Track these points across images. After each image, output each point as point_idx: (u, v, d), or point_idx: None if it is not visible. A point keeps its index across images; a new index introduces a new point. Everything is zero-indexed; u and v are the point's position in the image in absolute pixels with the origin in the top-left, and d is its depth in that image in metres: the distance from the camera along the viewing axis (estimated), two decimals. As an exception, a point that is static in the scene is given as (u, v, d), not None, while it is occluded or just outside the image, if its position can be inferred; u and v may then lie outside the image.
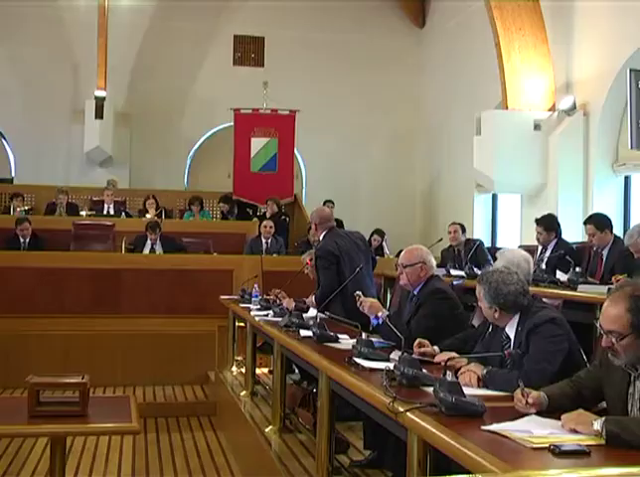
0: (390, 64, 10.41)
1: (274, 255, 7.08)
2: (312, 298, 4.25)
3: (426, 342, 2.68)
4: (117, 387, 5.74)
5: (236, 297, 5.31)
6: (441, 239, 6.73)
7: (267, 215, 8.59)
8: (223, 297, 5.45)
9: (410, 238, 9.32)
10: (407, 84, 10.45)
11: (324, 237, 4.21)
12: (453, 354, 2.43)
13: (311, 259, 4.53)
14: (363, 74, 10.33)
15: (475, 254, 5.89)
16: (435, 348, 2.68)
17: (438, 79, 9.98)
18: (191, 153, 10.31)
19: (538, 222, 5.11)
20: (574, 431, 1.59)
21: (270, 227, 7.43)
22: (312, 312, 3.85)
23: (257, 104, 9.71)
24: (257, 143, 9.58)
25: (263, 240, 7.43)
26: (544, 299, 2.48)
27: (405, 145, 10.52)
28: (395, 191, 10.45)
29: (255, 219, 8.76)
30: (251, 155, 9.61)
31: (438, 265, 3.93)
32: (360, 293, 3.17)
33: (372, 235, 8.03)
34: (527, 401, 1.77)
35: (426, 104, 10.34)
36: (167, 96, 9.99)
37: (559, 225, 5.09)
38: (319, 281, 4.18)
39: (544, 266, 4.65)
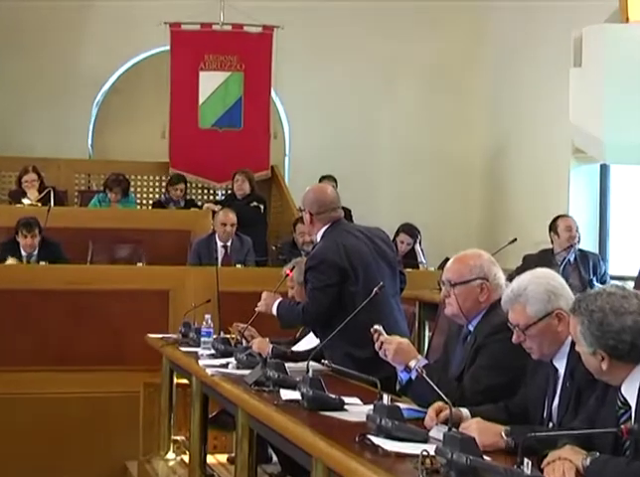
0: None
1: (238, 267, 7.09)
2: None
3: (442, 405, 2.66)
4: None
5: (174, 336, 5.32)
6: (515, 240, 6.74)
7: (238, 196, 8.62)
8: (152, 336, 5.45)
9: (463, 239, 9.34)
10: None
11: (324, 235, 4.20)
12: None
13: (292, 269, 4.57)
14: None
15: (590, 269, 5.94)
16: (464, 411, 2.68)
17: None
18: (98, 98, 10.28)
19: None
20: None
21: (232, 224, 7.43)
22: (303, 346, 3.86)
23: (210, 17, 9.69)
24: (210, 81, 9.60)
25: (220, 243, 7.43)
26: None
27: (456, 87, 10.54)
28: (437, 162, 10.47)
29: (209, 206, 8.77)
30: (200, 101, 9.62)
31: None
32: (380, 328, 3.17)
33: (397, 233, 8.06)
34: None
35: (490, 19, 10.36)
36: (53, 4, 9.96)
37: None
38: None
39: None
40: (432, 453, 2.13)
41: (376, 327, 3.20)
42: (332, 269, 4.07)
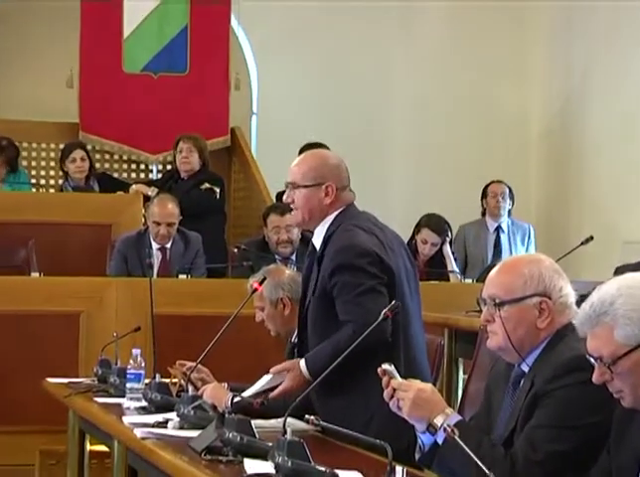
0: None
1: (182, 277, 7.12)
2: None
3: None
4: None
5: (86, 381, 5.33)
6: (591, 239, 6.76)
7: (182, 174, 8.63)
8: (53, 381, 5.46)
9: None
10: None
11: (336, 224, 4.20)
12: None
13: (262, 282, 4.55)
14: None
15: None
16: None
17: None
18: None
19: None
20: None
21: (170, 224, 7.44)
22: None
23: None
24: (140, 3, 9.59)
25: (156, 245, 7.49)
26: None
27: (508, 14, 10.59)
28: (477, 124, 10.52)
29: (139, 188, 8.75)
30: (125, 33, 9.60)
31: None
32: (391, 368, 3.19)
33: (418, 229, 8.11)
34: None
35: None
36: None
37: None
38: (321, 326, 4.18)
39: None
40: None
41: (385, 366, 3.19)
42: (378, 264, 4.06)
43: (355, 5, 10.33)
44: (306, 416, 3.28)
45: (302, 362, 4.12)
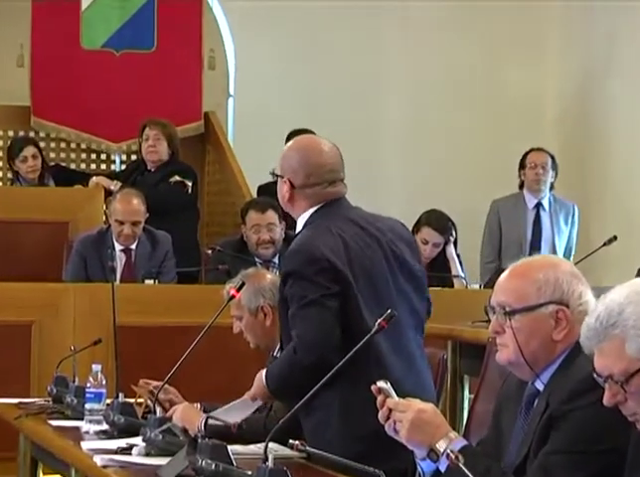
0: None
1: (149, 283, 7.13)
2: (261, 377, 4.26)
3: None
4: None
5: (39, 401, 5.33)
6: (614, 240, 6.77)
7: (149, 165, 8.63)
8: (1, 401, 5.43)
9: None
10: None
11: (311, 220, 4.26)
12: None
13: (240, 288, 4.55)
14: None
15: None
16: None
17: None
18: None
19: None
20: None
21: (136, 223, 7.44)
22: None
23: None
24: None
25: (119, 246, 7.50)
26: None
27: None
28: (484, 110, 10.54)
29: (99, 181, 8.74)
30: (83, 5, 9.57)
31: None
32: (387, 386, 3.19)
33: (418, 228, 8.13)
34: None
35: None
36: None
37: None
38: (285, 335, 4.21)
39: None
40: None
41: (379, 384, 3.19)
42: (328, 273, 4.09)
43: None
44: (290, 441, 3.28)
45: (263, 372, 4.23)
